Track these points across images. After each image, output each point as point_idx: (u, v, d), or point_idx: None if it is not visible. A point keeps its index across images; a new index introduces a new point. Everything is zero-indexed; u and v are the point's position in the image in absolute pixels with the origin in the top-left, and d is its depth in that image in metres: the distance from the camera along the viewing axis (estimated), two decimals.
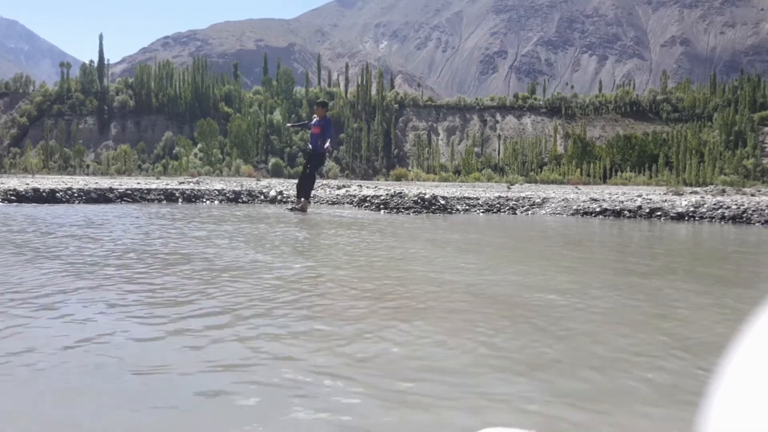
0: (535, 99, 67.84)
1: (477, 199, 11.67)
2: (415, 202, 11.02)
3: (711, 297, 3.24)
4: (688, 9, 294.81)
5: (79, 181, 17.95)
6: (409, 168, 56.78)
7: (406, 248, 5.11)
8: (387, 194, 11.86)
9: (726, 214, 9.23)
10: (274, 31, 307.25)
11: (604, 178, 47.48)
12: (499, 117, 66.05)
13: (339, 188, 15.22)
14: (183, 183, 17.88)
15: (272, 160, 56.24)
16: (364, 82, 65.26)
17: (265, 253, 4.49)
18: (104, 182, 18.07)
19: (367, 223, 7.95)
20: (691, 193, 15.62)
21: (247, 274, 3.48)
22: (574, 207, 10.40)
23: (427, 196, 11.23)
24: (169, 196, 13.84)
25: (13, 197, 11.93)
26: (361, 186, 17.31)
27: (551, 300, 2.93)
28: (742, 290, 3.61)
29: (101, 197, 12.66)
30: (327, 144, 9.65)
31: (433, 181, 45.40)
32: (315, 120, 9.98)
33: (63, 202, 12.03)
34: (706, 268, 4.63)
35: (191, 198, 13.94)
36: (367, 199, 12.04)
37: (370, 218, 8.90)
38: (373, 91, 65.06)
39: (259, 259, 4.17)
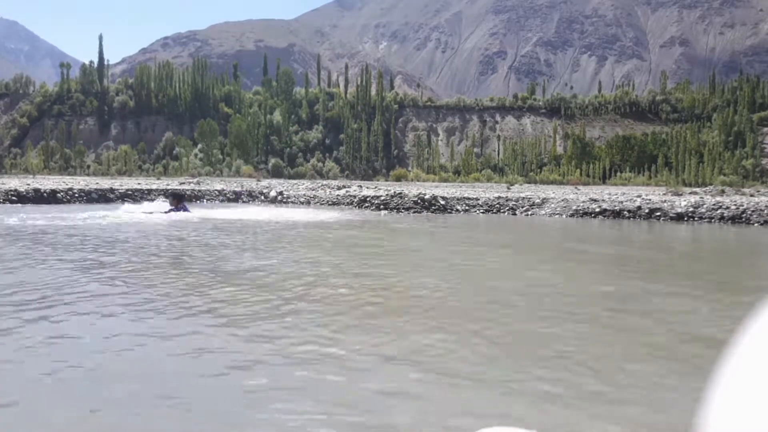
0: (535, 99, 67.82)
1: (477, 199, 11.70)
2: (415, 202, 11.05)
3: (711, 297, 3.27)
4: (687, 10, 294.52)
5: (80, 182, 17.97)
6: (409, 168, 56.79)
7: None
8: (387, 195, 11.89)
9: (725, 215, 9.26)
10: (273, 32, 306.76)
11: (604, 179, 47.49)
12: (498, 117, 66.02)
13: (339, 189, 15.25)
14: (183, 183, 17.90)
15: (272, 161, 56.25)
16: (364, 82, 65.25)
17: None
18: (105, 183, 18.08)
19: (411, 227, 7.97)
20: (690, 193, 15.65)
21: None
22: (574, 207, 10.43)
23: (427, 197, 11.27)
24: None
25: (14, 198, 11.95)
26: (361, 186, 17.34)
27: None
28: (743, 290, 3.65)
29: (102, 197, 12.70)
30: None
31: (433, 181, 45.42)
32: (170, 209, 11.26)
33: (64, 203, 12.06)
34: (709, 269, 4.67)
35: (192, 198, 13.96)
36: (368, 199, 12.08)
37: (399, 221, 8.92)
38: (373, 92, 65.04)
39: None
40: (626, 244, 6.69)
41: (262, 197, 14.29)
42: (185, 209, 10.34)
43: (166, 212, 10.02)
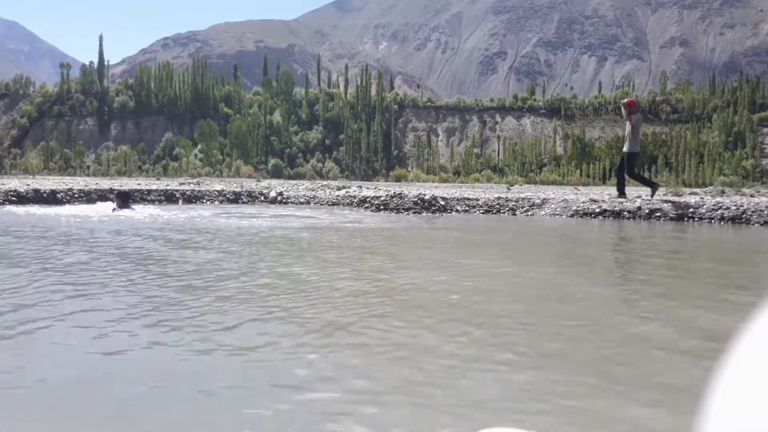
0: (535, 100, 67.81)
1: (477, 200, 11.68)
2: (415, 203, 11.04)
3: (713, 296, 3.26)
4: (687, 10, 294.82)
5: (79, 182, 17.96)
6: (409, 169, 56.78)
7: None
8: (387, 195, 11.88)
9: (725, 215, 9.26)
10: (273, 32, 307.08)
11: (604, 179, 47.47)
12: (498, 118, 66.02)
13: (339, 189, 15.23)
14: (183, 184, 17.90)
15: (272, 161, 56.24)
16: (364, 83, 65.24)
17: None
18: (105, 183, 18.08)
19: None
20: (690, 194, 15.64)
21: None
22: (574, 208, 10.42)
23: (427, 197, 11.26)
24: (170, 197, 13.87)
25: (14, 198, 11.95)
26: (360, 187, 17.32)
27: None
28: (743, 290, 3.64)
29: (102, 198, 12.67)
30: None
31: (433, 182, 45.41)
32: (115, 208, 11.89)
33: (64, 203, 12.04)
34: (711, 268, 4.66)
35: (191, 199, 13.96)
36: (367, 200, 12.06)
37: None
38: (373, 92, 65.03)
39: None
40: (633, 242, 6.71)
41: (262, 198, 14.27)
42: (129, 208, 10.46)
43: (113, 210, 10.12)
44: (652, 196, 10.74)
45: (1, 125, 62.11)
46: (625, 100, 11.78)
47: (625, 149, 11.16)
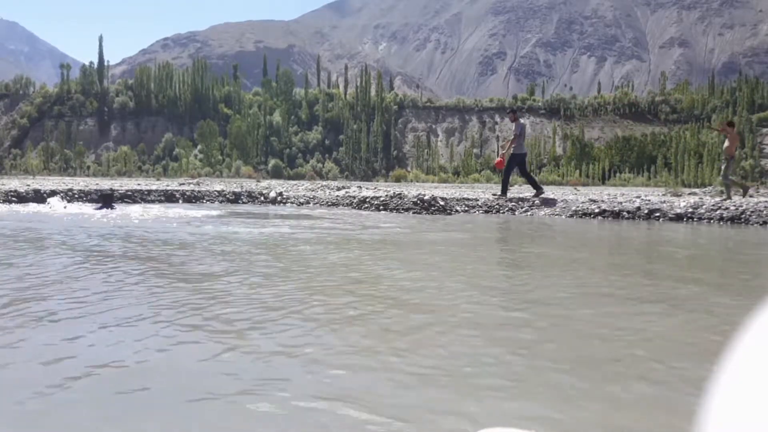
0: (534, 100, 67.84)
1: (476, 200, 11.71)
2: (415, 203, 11.07)
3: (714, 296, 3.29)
4: (686, 11, 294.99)
5: (80, 183, 18.00)
6: (409, 169, 56.82)
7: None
8: (387, 195, 11.91)
9: (724, 215, 9.29)
10: (273, 33, 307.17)
11: (603, 179, 47.55)
12: (498, 118, 66.05)
13: (338, 189, 15.25)
14: (183, 184, 17.94)
15: (272, 162, 56.28)
16: (364, 83, 65.24)
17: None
18: (105, 183, 18.12)
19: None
20: (689, 194, 15.69)
21: None
22: (573, 208, 10.45)
23: (426, 197, 11.28)
24: (170, 197, 13.91)
25: (14, 198, 11.98)
26: (360, 187, 17.35)
27: None
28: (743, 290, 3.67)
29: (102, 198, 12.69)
30: None
31: (433, 182, 45.47)
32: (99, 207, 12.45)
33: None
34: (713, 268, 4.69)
35: (191, 199, 13.99)
36: (367, 200, 12.09)
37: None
38: (373, 93, 65.03)
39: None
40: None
41: (262, 198, 14.31)
42: (111, 207, 10.56)
43: (98, 209, 10.24)
44: (534, 197, 11.45)
45: (1, 126, 62.11)
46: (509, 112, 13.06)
47: (512, 151, 11.86)
